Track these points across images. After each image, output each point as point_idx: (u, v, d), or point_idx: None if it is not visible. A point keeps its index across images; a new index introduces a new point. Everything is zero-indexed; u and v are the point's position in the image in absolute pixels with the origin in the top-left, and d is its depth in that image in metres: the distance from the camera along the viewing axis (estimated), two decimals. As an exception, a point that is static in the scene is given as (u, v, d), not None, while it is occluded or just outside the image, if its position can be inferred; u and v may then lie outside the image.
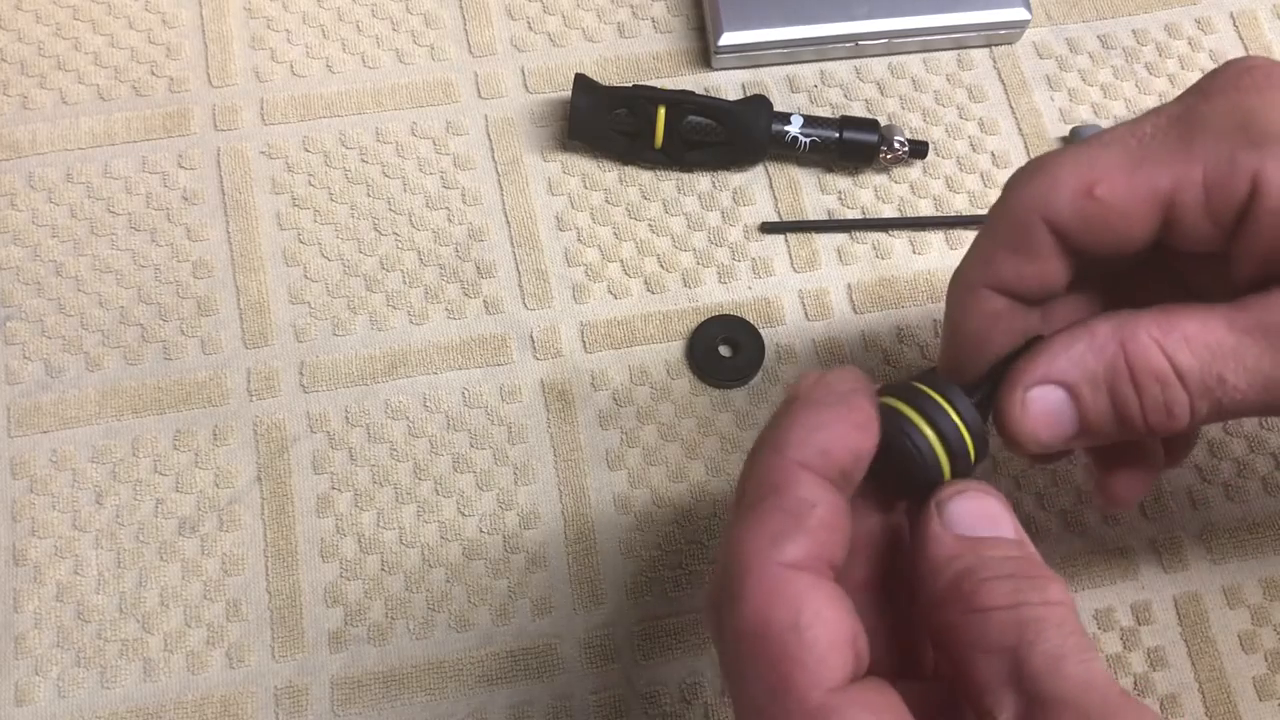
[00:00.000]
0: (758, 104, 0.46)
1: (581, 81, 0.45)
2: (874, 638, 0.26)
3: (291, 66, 0.48)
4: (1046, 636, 0.24)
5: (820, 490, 0.25)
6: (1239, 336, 0.26)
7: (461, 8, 0.50)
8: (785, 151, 0.46)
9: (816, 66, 0.49)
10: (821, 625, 0.24)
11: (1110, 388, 0.27)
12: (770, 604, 0.24)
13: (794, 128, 0.46)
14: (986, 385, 0.29)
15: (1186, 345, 0.26)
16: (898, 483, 0.28)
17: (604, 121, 0.45)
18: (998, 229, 0.29)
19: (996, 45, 0.50)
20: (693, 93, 0.45)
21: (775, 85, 0.49)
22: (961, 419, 0.27)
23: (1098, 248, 0.28)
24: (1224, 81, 0.27)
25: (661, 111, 0.45)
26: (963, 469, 0.28)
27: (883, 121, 0.47)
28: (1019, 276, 0.29)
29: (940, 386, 0.28)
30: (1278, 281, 0.26)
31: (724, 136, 0.45)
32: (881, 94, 0.49)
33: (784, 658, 0.23)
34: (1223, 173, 0.26)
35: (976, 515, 0.26)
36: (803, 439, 0.25)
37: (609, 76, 0.48)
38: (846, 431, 0.26)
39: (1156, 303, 0.27)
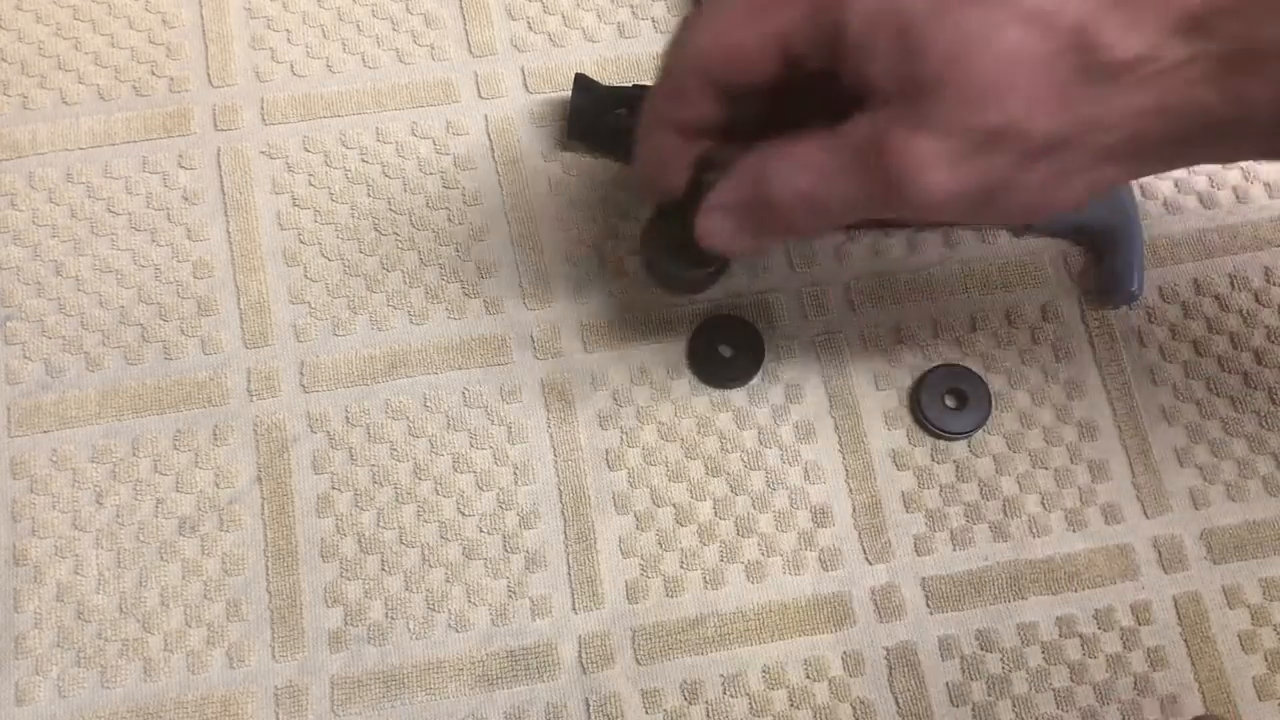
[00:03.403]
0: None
1: (581, 81, 0.45)
2: None
3: (292, 66, 0.48)
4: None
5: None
6: (835, 155, 0.31)
7: (461, 8, 0.50)
8: None
9: (816, 66, 0.49)
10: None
11: (752, 206, 0.34)
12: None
13: None
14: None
15: (803, 173, 0.32)
16: None
17: (604, 121, 0.45)
18: (662, 82, 0.35)
19: (997, 45, 0.50)
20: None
21: (775, 85, 0.49)
22: None
23: (737, 85, 0.33)
24: None
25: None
26: None
27: None
28: (684, 119, 0.35)
29: None
30: (863, 105, 0.31)
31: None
32: (881, 94, 0.49)
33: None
34: (818, 13, 0.31)
35: None
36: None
37: (609, 76, 0.48)
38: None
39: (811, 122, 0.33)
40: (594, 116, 0.45)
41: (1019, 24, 0.28)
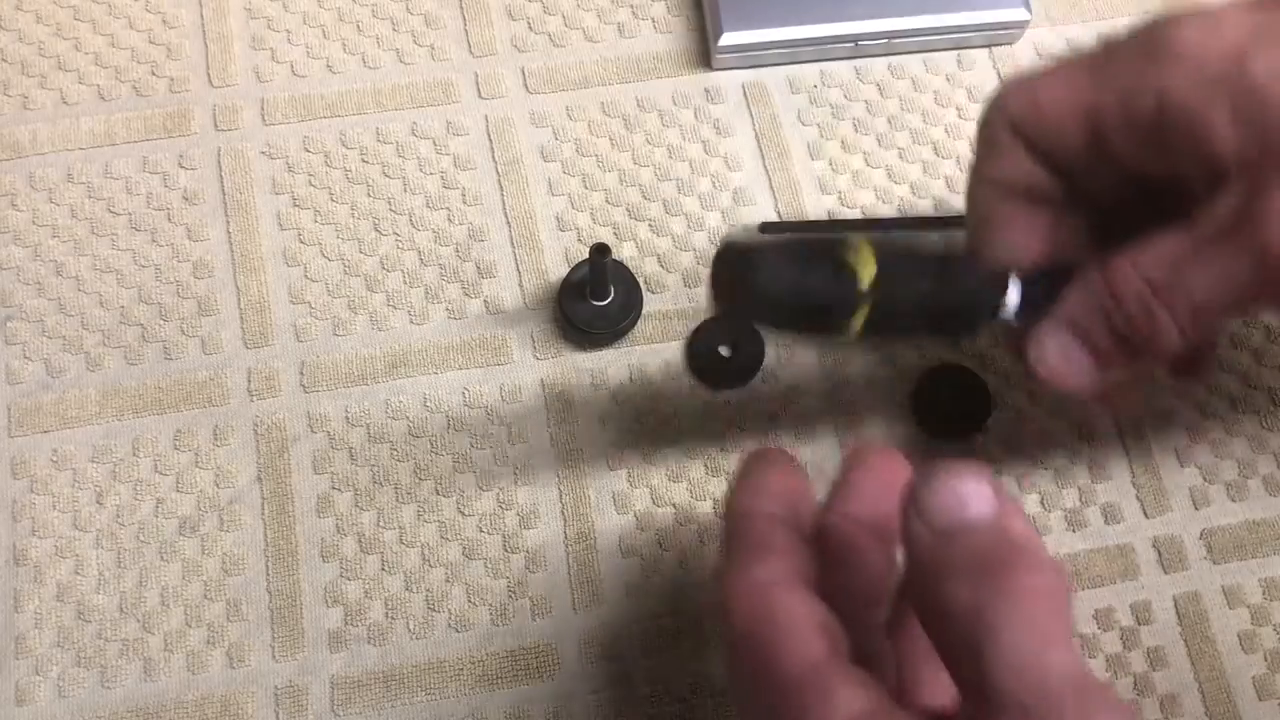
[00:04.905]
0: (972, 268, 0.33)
1: (768, 228, 0.32)
2: (874, 648, 0.29)
3: (292, 67, 0.48)
4: (1002, 638, 0.24)
5: (774, 524, 0.29)
6: (1196, 243, 0.29)
7: (461, 8, 0.50)
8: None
9: (816, 67, 0.49)
10: (793, 612, 0.27)
11: (1105, 316, 0.31)
12: (751, 611, 0.27)
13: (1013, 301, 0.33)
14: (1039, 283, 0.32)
15: (1155, 261, 0.30)
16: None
17: (790, 285, 0.30)
18: (979, 133, 0.34)
19: (996, 45, 0.50)
20: (905, 245, 0.33)
21: (775, 85, 0.49)
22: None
23: (1049, 148, 0.32)
24: (1145, 20, 0.31)
25: (869, 260, 0.30)
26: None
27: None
28: (999, 172, 0.33)
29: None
30: (1215, 188, 0.29)
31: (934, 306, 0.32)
32: (881, 95, 0.49)
33: (764, 644, 0.26)
34: (1132, 87, 0.30)
35: (947, 503, 0.26)
36: (752, 487, 0.30)
37: (609, 76, 0.48)
38: (783, 476, 0.30)
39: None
40: (784, 276, 0.30)
41: None
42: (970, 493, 0.26)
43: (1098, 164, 0.32)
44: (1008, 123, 0.32)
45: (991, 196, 0.34)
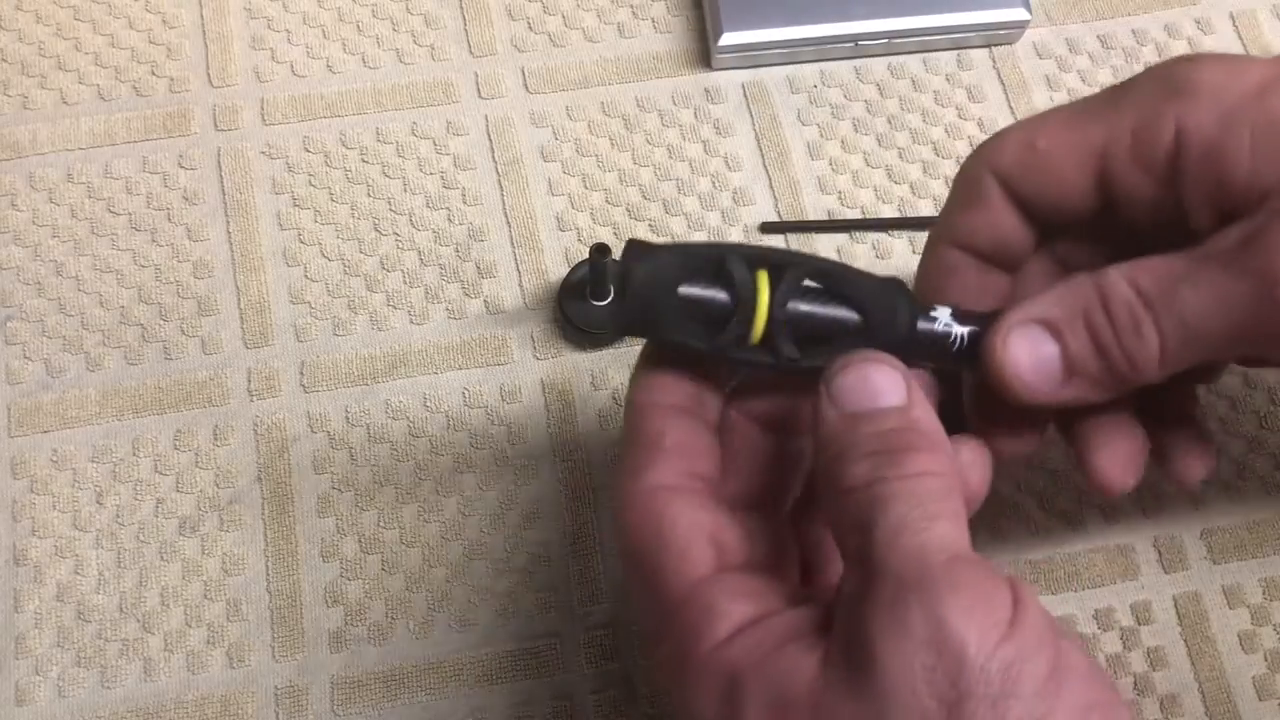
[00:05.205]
0: (892, 288, 0.29)
1: (635, 248, 0.29)
2: (775, 545, 0.29)
3: (292, 67, 0.48)
4: (891, 510, 0.24)
5: (668, 418, 0.28)
6: (1195, 262, 0.27)
7: (461, 8, 0.50)
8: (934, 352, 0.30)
9: (816, 66, 0.49)
10: (678, 526, 0.27)
11: (1086, 319, 0.28)
12: (639, 522, 0.27)
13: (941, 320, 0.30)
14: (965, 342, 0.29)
15: (1149, 273, 0.27)
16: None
17: (671, 303, 0.28)
18: (955, 188, 0.32)
19: (996, 45, 0.50)
20: (804, 254, 0.30)
21: (775, 85, 0.49)
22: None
23: (1042, 199, 0.30)
24: (1158, 63, 0.30)
25: (764, 283, 0.28)
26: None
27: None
28: (971, 230, 0.31)
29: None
30: (1229, 221, 0.27)
31: (854, 328, 0.29)
32: (881, 94, 0.49)
33: (650, 559, 0.27)
34: (1148, 122, 0.28)
35: (859, 389, 0.26)
36: (647, 381, 0.29)
37: (609, 76, 0.48)
38: (686, 364, 0.29)
39: None
40: (659, 295, 0.28)
41: None
42: (882, 379, 0.26)
43: (1092, 212, 0.30)
44: (994, 172, 0.30)
45: (952, 256, 0.32)
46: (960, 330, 0.29)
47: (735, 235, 0.46)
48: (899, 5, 0.48)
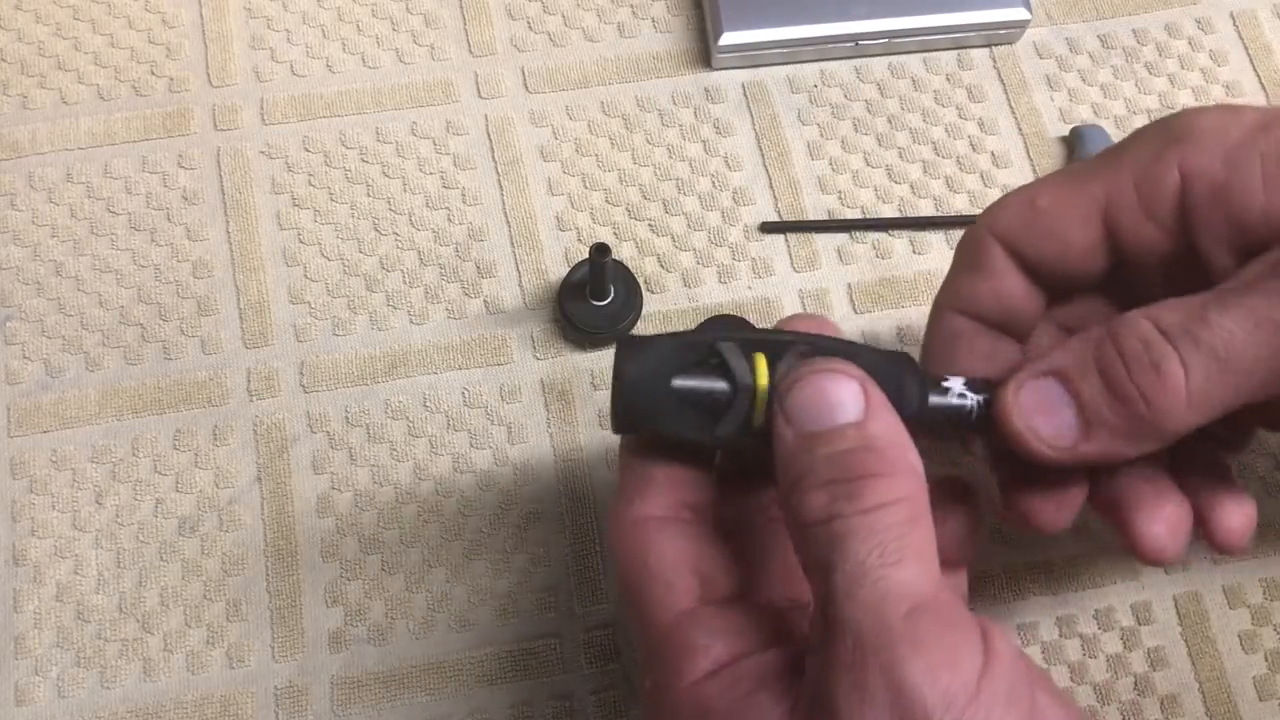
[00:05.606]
0: (899, 362, 0.28)
1: (627, 345, 0.28)
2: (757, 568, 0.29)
3: (291, 66, 0.48)
4: (849, 553, 0.23)
5: (660, 447, 0.28)
6: (1223, 293, 0.26)
7: (461, 8, 0.50)
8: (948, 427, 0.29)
9: (816, 66, 0.49)
10: (665, 558, 0.27)
11: (1097, 361, 0.26)
12: (628, 553, 0.27)
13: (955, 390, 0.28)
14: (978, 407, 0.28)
15: (1171, 309, 0.26)
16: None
17: (667, 396, 0.27)
18: (958, 253, 0.31)
19: (996, 45, 0.50)
20: (802, 334, 0.28)
21: (775, 85, 0.49)
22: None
23: (1046, 259, 0.29)
24: (1152, 121, 0.30)
25: (763, 366, 0.27)
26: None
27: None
28: (976, 295, 0.30)
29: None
30: (1250, 258, 0.27)
31: None
32: (881, 94, 0.49)
33: (636, 591, 0.27)
34: (1150, 171, 0.28)
35: (814, 403, 0.25)
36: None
37: (609, 76, 0.48)
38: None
39: None
40: (654, 389, 0.27)
41: None
42: (837, 390, 0.25)
43: (1102, 271, 0.30)
44: (995, 235, 0.30)
45: (958, 323, 0.31)
46: (975, 399, 0.27)
47: (735, 234, 0.46)
48: (899, 5, 0.48)
